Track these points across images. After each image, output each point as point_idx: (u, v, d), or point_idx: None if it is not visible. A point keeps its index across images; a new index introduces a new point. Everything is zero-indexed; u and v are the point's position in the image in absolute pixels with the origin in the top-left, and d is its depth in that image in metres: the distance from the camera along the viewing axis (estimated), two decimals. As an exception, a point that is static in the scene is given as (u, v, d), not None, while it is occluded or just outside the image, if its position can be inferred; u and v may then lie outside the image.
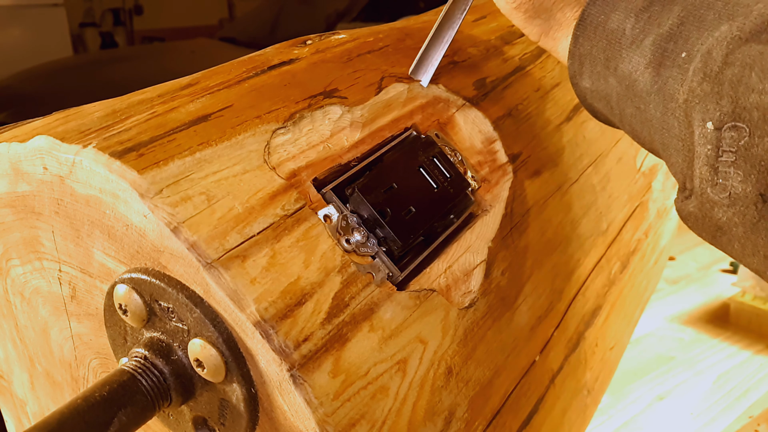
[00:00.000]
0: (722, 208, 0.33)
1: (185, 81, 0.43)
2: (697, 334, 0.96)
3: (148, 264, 0.34)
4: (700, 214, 0.34)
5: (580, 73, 0.41)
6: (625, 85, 0.38)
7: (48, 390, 0.46)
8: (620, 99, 0.39)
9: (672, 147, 0.35)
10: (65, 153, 0.34)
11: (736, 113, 0.31)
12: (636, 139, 0.40)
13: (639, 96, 0.37)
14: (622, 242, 0.64)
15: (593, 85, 0.40)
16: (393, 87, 0.46)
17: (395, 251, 0.39)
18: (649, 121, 0.37)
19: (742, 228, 0.32)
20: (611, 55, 0.39)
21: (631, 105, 0.38)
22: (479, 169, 0.49)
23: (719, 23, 0.33)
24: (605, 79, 0.39)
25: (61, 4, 3.65)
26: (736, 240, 0.33)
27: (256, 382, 0.33)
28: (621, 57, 0.38)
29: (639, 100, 0.37)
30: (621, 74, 0.38)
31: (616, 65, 0.38)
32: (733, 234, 0.33)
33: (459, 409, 0.40)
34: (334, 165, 0.40)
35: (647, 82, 0.36)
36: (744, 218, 0.32)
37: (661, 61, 0.36)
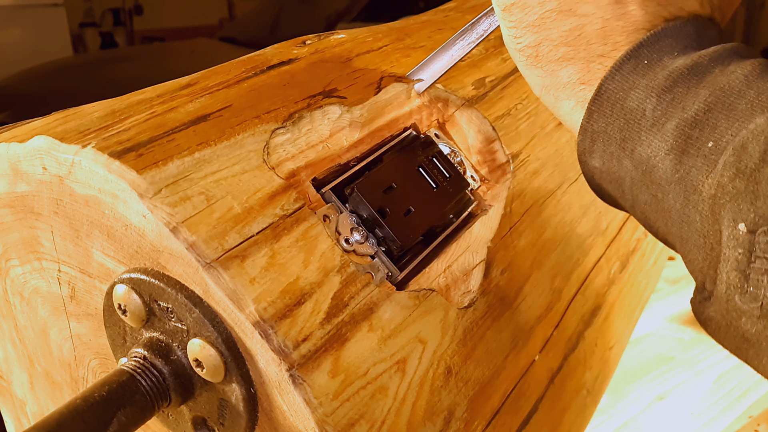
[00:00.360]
0: (752, 319, 0.30)
1: (184, 81, 0.44)
2: (697, 334, 0.96)
3: (147, 264, 0.34)
4: (723, 322, 0.31)
5: (590, 151, 0.38)
6: (641, 171, 0.35)
7: (47, 390, 0.46)
8: (634, 184, 0.36)
9: (692, 242, 0.33)
10: (64, 153, 0.34)
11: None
12: (648, 228, 0.37)
13: (657, 183, 0.34)
14: (621, 242, 0.64)
15: (604, 166, 0.37)
16: (392, 87, 0.46)
17: (394, 251, 0.39)
18: (667, 211, 0.34)
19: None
20: (628, 135, 0.36)
21: (646, 192, 0.35)
22: (479, 168, 0.49)
23: (752, 114, 0.31)
24: (619, 161, 0.36)
25: (61, 4, 3.65)
26: (766, 355, 0.30)
27: (256, 382, 0.33)
28: (639, 139, 0.35)
29: (656, 188, 0.34)
30: (638, 158, 0.35)
31: (633, 147, 0.35)
32: (762, 348, 0.30)
33: (458, 408, 0.40)
34: (334, 165, 0.40)
35: (667, 170, 0.33)
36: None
37: (685, 149, 0.33)
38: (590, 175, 0.39)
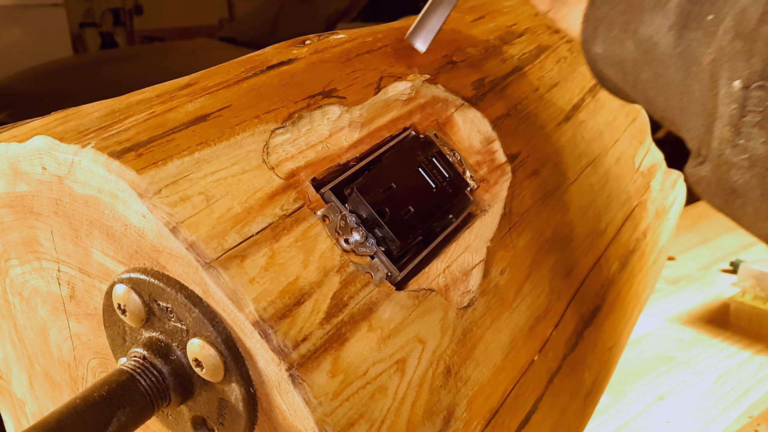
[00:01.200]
0: (740, 170, 0.31)
1: (184, 81, 0.44)
2: (697, 334, 0.96)
3: (147, 264, 0.34)
4: (713, 178, 0.33)
5: (593, 37, 0.40)
6: (643, 49, 0.37)
7: (47, 390, 0.46)
8: (636, 64, 0.38)
9: (691, 111, 0.34)
10: (64, 153, 0.34)
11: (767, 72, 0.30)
12: (648, 106, 0.39)
13: (658, 60, 0.36)
14: (620, 242, 0.64)
15: (606, 50, 0.39)
16: (392, 87, 0.46)
17: (394, 251, 0.39)
18: (668, 85, 0.36)
19: (760, 191, 0.31)
20: (631, 17, 0.37)
21: (648, 70, 0.37)
22: (478, 168, 0.49)
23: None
24: (621, 44, 0.38)
25: (61, 4, 3.65)
26: (750, 204, 0.32)
27: (255, 382, 0.33)
28: (642, 20, 0.37)
29: (658, 64, 0.36)
30: (640, 37, 0.37)
31: (636, 28, 0.37)
32: (748, 197, 0.32)
33: (458, 408, 0.40)
34: (333, 165, 0.40)
35: (669, 45, 0.35)
36: (763, 180, 0.31)
37: (686, 23, 0.35)
38: (593, 62, 0.41)
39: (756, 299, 0.97)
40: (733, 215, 0.34)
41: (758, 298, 0.97)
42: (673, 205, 0.81)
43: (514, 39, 0.62)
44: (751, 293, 0.98)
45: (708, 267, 1.16)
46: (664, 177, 0.77)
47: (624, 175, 0.67)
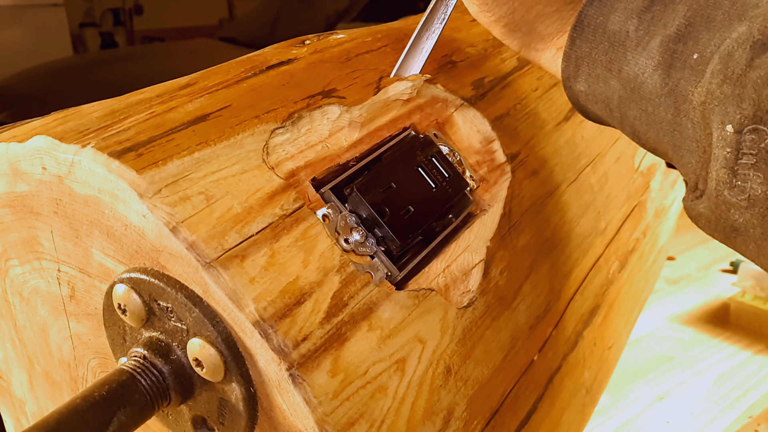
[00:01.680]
0: (739, 210, 0.32)
1: (184, 81, 0.44)
2: (697, 334, 0.96)
3: (147, 264, 0.34)
4: (713, 216, 0.34)
5: (575, 76, 0.40)
6: (630, 88, 0.37)
7: (47, 390, 0.46)
8: (623, 102, 0.38)
9: (685, 148, 0.35)
10: (64, 153, 0.34)
11: (758, 116, 0.30)
12: (637, 140, 0.40)
13: (646, 98, 0.36)
14: (620, 242, 0.65)
15: (590, 89, 0.40)
16: (392, 87, 0.47)
17: (394, 251, 0.39)
18: (658, 123, 0.36)
19: (761, 229, 0.32)
20: (614, 57, 0.38)
21: (635, 108, 0.37)
22: (477, 168, 0.49)
23: (731, 23, 0.33)
24: (606, 82, 0.39)
25: (61, 4, 3.65)
26: (753, 241, 0.33)
27: (255, 382, 0.33)
28: (626, 59, 0.37)
29: (646, 103, 0.36)
30: (626, 77, 0.37)
31: (620, 68, 0.37)
32: (750, 235, 0.33)
33: (458, 408, 0.40)
34: (333, 165, 0.40)
35: (656, 85, 0.36)
36: (763, 219, 0.31)
37: (671, 63, 0.35)
38: (575, 98, 0.42)
39: (756, 299, 0.97)
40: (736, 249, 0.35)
41: (758, 298, 0.97)
42: (672, 205, 0.82)
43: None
44: (751, 293, 0.98)
45: (708, 267, 1.16)
46: (663, 177, 0.78)
47: (623, 174, 0.67)
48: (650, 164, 0.74)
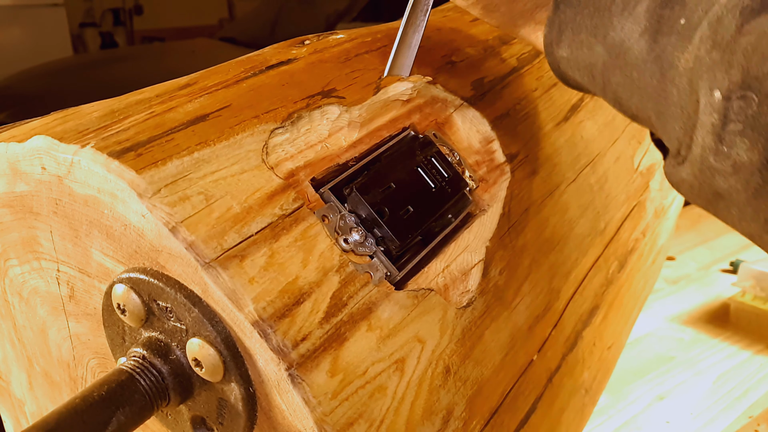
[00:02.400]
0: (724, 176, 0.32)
1: (183, 81, 0.44)
2: (697, 334, 0.96)
3: (146, 264, 0.34)
4: (696, 182, 0.34)
5: (558, 41, 0.40)
6: (615, 54, 0.37)
7: (46, 390, 0.46)
8: (606, 68, 0.38)
9: (669, 114, 0.35)
10: (63, 153, 0.34)
11: (746, 83, 0.30)
12: (618, 106, 0.39)
13: (631, 64, 0.36)
14: (619, 242, 0.65)
15: (572, 54, 0.40)
16: (392, 87, 0.47)
17: (393, 251, 0.39)
18: (643, 89, 0.36)
19: (744, 194, 0.32)
20: (599, 22, 0.38)
21: (619, 73, 0.37)
22: (477, 168, 0.49)
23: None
24: (590, 48, 0.38)
25: (61, 4, 3.65)
26: (735, 206, 0.33)
27: (255, 382, 0.33)
28: (612, 24, 0.37)
29: (631, 69, 0.36)
30: (611, 42, 0.37)
31: (605, 33, 0.37)
32: (733, 200, 0.32)
33: (457, 408, 0.40)
34: (332, 165, 0.40)
35: (642, 50, 0.35)
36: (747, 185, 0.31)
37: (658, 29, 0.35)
38: (556, 64, 0.42)
39: (756, 299, 0.97)
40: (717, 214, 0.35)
41: (758, 298, 0.97)
42: (672, 205, 0.82)
43: (512, 39, 0.62)
44: (751, 293, 0.98)
45: (708, 267, 1.16)
46: (662, 177, 0.77)
47: (623, 175, 0.67)
48: (650, 164, 0.74)
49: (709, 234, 1.26)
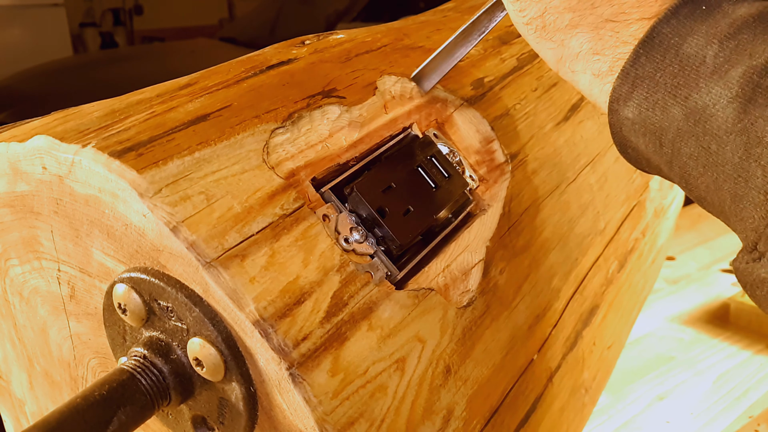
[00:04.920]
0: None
1: (184, 81, 0.44)
2: (697, 334, 0.96)
3: (147, 263, 0.34)
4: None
5: (627, 98, 0.35)
6: (694, 120, 0.32)
7: (47, 390, 0.46)
8: (680, 135, 0.33)
9: (748, 199, 0.30)
10: (64, 153, 0.34)
11: None
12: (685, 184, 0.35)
13: (712, 134, 0.32)
14: (619, 241, 0.65)
15: (640, 116, 0.35)
16: (391, 87, 0.47)
17: (394, 250, 0.39)
18: (720, 165, 0.31)
19: None
20: (683, 82, 0.33)
21: (694, 144, 0.32)
22: (477, 168, 0.49)
23: None
24: (664, 110, 0.34)
25: (61, 4, 3.65)
26: None
27: (255, 381, 0.33)
28: (697, 86, 0.32)
29: (710, 139, 0.32)
30: (692, 106, 0.32)
31: (687, 94, 0.33)
32: None
33: (457, 407, 0.40)
34: (333, 164, 0.40)
35: (729, 119, 0.31)
36: None
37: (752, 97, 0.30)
38: (618, 126, 0.36)
39: (756, 299, 0.97)
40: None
41: (758, 297, 0.97)
42: (671, 204, 0.82)
43: (513, 39, 0.62)
44: (750, 293, 0.98)
45: (708, 267, 1.16)
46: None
47: (623, 174, 0.67)
48: (650, 164, 0.74)
49: (709, 234, 1.26)
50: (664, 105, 0.34)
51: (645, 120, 0.35)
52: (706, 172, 0.32)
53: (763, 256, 0.30)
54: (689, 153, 0.33)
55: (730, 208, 0.32)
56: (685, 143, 0.33)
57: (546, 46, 0.40)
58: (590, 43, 0.37)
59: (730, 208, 0.32)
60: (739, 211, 0.31)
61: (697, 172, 0.33)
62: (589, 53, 0.37)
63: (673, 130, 0.33)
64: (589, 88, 0.38)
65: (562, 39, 0.39)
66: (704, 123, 0.32)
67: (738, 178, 0.31)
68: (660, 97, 0.34)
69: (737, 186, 0.31)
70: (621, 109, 0.36)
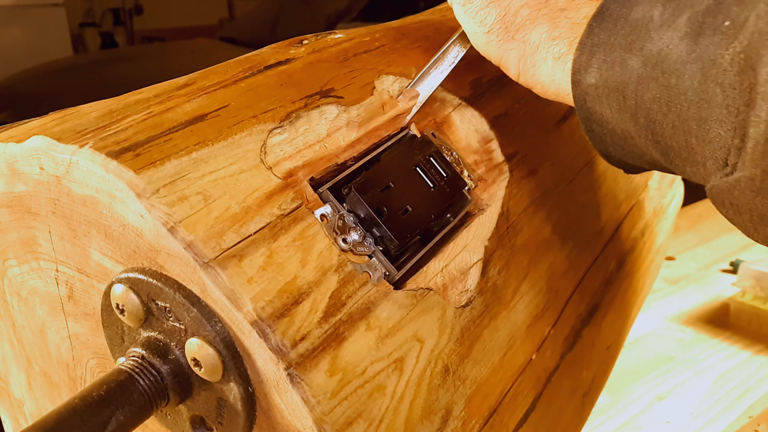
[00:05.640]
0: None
1: (182, 81, 0.44)
2: (697, 334, 0.96)
3: (145, 264, 0.34)
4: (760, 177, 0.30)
5: (587, 66, 0.38)
6: (651, 64, 0.35)
7: (45, 390, 0.46)
8: (641, 83, 0.35)
9: (713, 119, 0.32)
10: (62, 153, 0.34)
11: None
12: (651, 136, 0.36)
13: (670, 70, 0.34)
14: (618, 241, 0.65)
15: (602, 76, 0.37)
16: (390, 87, 0.46)
17: (392, 250, 0.39)
18: (683, 94, 0.33)
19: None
20: (636, 38, 0.36)
21: (655, 86, 0.34)
22: (475, 168, 0.49)
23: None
24: (623, 64, 0.36)
25: (61, 4, 3.65)
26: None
27: (254, 381, 0.33)
28: (649, 37, 0.35)
29: (669, 75, 0.34)
30: (648, 53, 0.35)
31: (641, 46, 0.35)
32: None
33: (456, 407, 0.40)
34: (331, 164, 0.40)
35: (682, 53, 0.33)
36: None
37: (700, 32, 0.33)
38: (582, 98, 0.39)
39: (756, 299, 0.97)
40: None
41: (758, 298, 0.97)
42: (670, 204, 0.82)
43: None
44: (751, 293, 0.98)
45: (708, 267, 1.16)
46: (661, 176, 0.78)
47: (621, 174, 0.67)
48: (649, 164, 0.74)
49: (709, 234, 1.26)
50: (622, 60, 0.36)
51: (607, 80, 0.37)
52: (670, 109, 0.34)
53: (735, 168, 0.31)
54: (652, 96, 0.35)
55: (697, 136, 0.33)
56: (646, 88, 0.35)
57: (509, 47, 0.43)
58: (548, 32, 0.41)
59: (697, 136, 0.33)
60: (706, 133, 0.33)
61: (661, 114, 0.35)
62: (548, 40, 0.41)
63: (634, 79, 0.36)
64: (552, 73, 0.41)
65: (523, 35, 0.42)
66: (662, 63, 0.34)
67: (700, 101, 0.32)
68: (617, 55, 0.37)
69: (701, 109, 0.33)
70: (583, 78, 0.38)
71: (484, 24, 0.44)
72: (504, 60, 0.44)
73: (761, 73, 0.30)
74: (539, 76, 0.42)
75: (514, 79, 0.45)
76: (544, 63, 0.41)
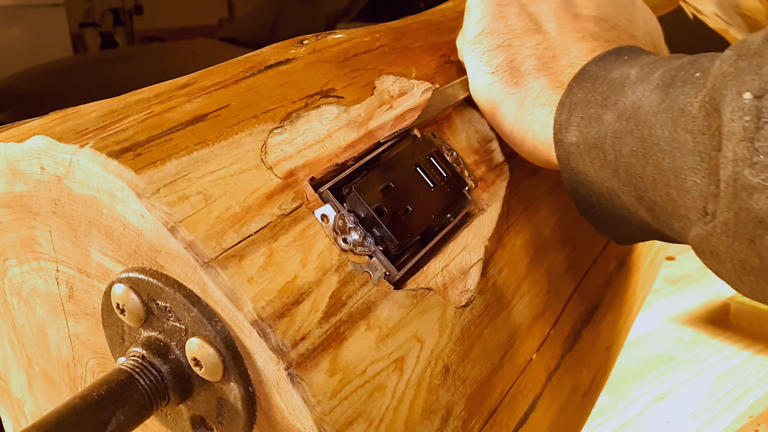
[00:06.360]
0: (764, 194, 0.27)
1: (182, 81, 0.44)
2: (697, 334, 0.96)
3: (145, 263, 0.34)
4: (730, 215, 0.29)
5: (567, 125, 0.38)
6: (626, 117, 0.35)
7: (46, 390, 0.46)
8: (617, 136, 0.35)
9: (687, 167, 0.32)
10: (62, 153, 0.34)
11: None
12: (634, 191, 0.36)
13: (642, 121, 0.34)
14: (619, 241, 0.64)
15: (582, 134, 0.37)
16: (390, 87, 0.46)
17: (392, 250, 0.39)
18: (656, 145, 0.33)
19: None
20: (611, 93, 0.36)
21: (631, 139, 0.34)
22: (476, 168, 0.49)
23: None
24: (599, 120, 0.36)
25: (61, 4, 3.65)
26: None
27: (254, 381, 0.33)
28: (624, 92, 0.35)
29: (642, 126, 0.34)
30: (622, 107, 0.35)
31: (616, 100, 0.36)
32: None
33: (456, 407, 0.40)
34: (331, 164, 0.40)
35: (653, 104, 0.33)
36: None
37: (671, 83, 0.33)
38: (566, 160, 0.39)
39: (756, 299, 0.97)
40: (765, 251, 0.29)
41: (758, 297, 0.97)
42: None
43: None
44: (750, 293, 0.98)
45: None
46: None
47: (623, 174, 0.67)
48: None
49: (708, 233, 1.25)
50: (598, 116, 0.37)
51: (586, 137, 0.37)
52: (647, 161, 0.34)
53: (714, 215, 0.30)
54: (629, 150, 0.35)
55: (675, 187, 0.33)
56: (623, 142, 0.35)
57: (510, 91, 0.44)
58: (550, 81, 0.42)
59: (676, 187, 0.33)
60: (682, 182, 0.32)
61: (641, 167, 0.35)
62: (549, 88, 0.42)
63: (610, 134, 0.36)
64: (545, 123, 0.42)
65: (526, 84, 0.43)
66: (635, 115, 0.34)
67: (673, 150, 0.32)
68: (594, 111, 0.37)
69: (674, 159, 0.32)
70: (564, 138, 0.39)
71: (490, 65, 0.44)
72: (503, 105, 0.45)
73: (725, 113, 0.29)
74: (533, 123, 0.43)
75: (508, 128, 0.46)
76: (540, 111, 0.42)
